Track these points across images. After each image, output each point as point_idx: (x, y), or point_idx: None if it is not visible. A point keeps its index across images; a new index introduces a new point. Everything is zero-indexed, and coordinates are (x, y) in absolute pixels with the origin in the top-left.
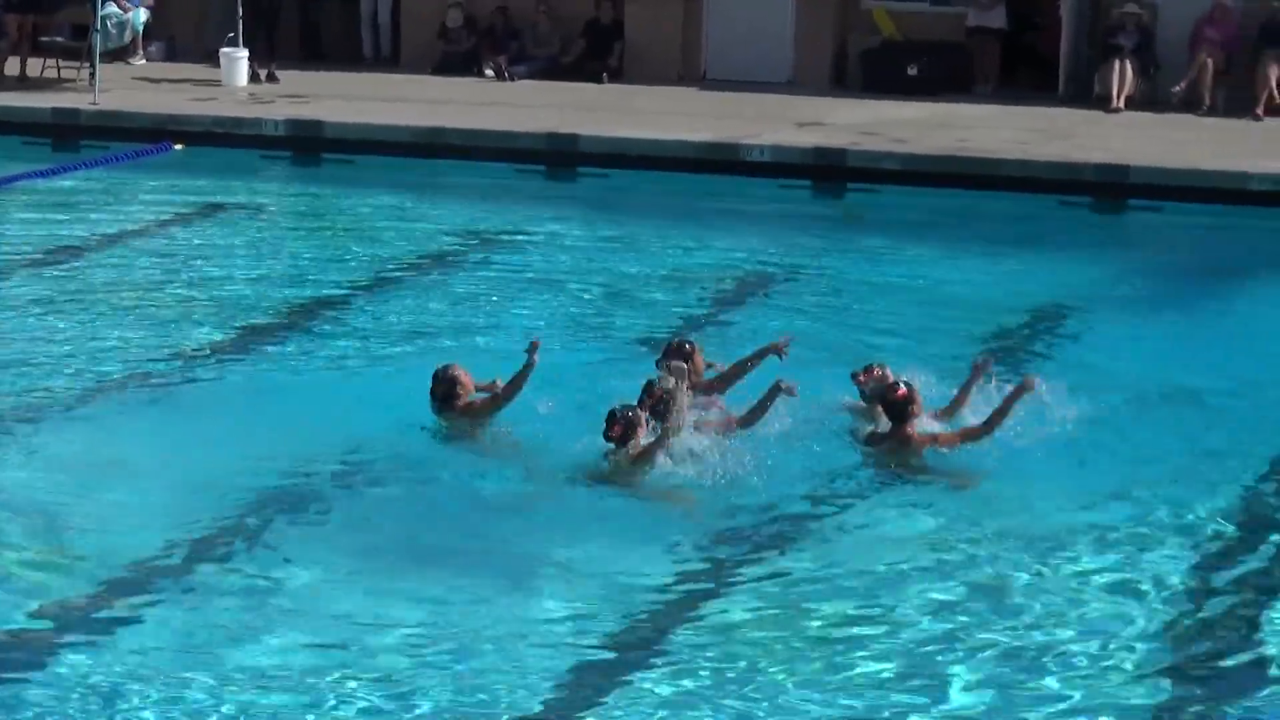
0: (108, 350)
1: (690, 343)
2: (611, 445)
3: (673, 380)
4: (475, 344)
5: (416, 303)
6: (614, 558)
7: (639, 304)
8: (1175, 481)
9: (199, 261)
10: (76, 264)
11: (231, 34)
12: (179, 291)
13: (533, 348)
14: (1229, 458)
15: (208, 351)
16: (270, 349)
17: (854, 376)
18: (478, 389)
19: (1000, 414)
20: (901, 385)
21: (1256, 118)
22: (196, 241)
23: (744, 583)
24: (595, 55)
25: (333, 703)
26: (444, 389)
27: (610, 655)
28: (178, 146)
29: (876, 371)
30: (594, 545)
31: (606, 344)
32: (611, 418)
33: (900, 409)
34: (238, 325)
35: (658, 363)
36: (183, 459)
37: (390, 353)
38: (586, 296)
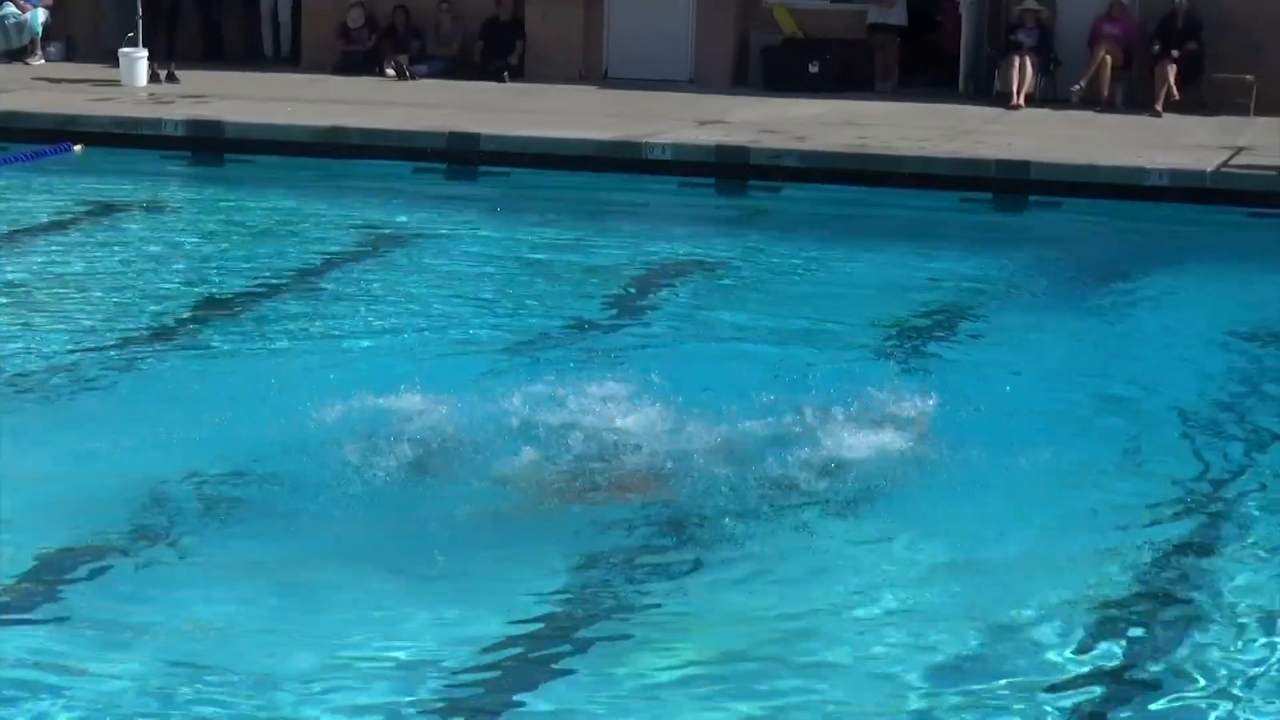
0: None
1: None
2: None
3: None
4: (379, 342)
5: (317, 303)
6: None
7: (540, 303)
8: (1076, 474)
9: (98, 263)
10: None
11: (131, 34)
12: (77, 294)
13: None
14: (1129, 451)
15: (107, 354)
16: (170, 351)
17: None
18: None
19: None
20: None
21: (1155, 114)
22: (95, 244)
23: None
24: (496, 54)
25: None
26: None
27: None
28: (77, 148)
29: None
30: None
31: (506, 342)
32: None
33: None
34: (137, 327)
35: None
36: (75, 466)
37: (290, 354)
38: (487, 295)
